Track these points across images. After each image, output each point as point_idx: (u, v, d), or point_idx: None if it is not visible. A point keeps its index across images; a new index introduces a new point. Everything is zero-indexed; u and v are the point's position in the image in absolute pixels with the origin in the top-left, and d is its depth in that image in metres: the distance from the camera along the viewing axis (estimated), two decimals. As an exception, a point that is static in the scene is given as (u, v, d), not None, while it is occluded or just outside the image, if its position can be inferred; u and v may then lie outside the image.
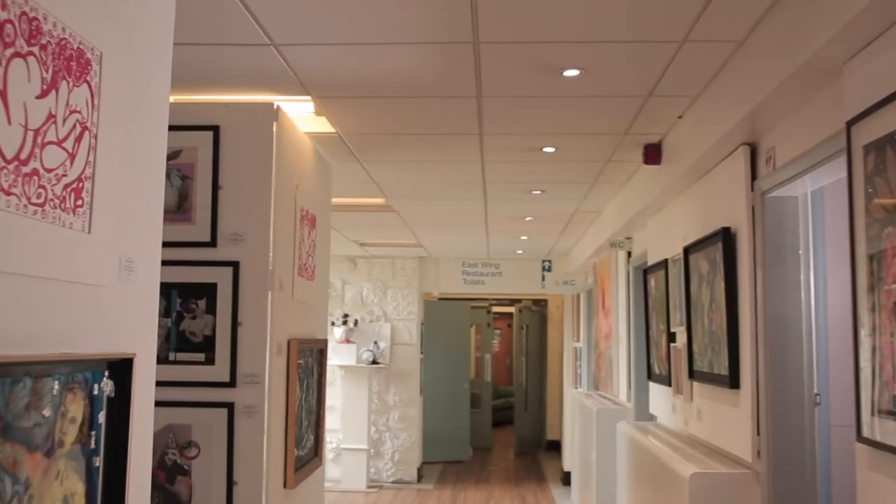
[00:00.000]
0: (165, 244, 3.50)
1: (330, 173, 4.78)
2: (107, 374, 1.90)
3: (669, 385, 4.84)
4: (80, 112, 1.73)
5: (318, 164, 4.38)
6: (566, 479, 10.27)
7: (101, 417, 1.86)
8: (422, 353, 11.02)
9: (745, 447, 3.51)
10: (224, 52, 3.33)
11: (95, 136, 1.79)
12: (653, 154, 4.55)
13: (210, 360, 3.42)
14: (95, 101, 1.79)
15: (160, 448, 3.40)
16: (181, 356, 3.44)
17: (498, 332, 19.33)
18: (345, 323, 10.35)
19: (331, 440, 10.45)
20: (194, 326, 3.44)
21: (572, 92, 3.63)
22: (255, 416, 3.40)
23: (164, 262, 3.48)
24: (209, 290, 3.44)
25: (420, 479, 10.73)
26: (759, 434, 3.40)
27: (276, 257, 3.57)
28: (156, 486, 3.39)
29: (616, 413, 6.51)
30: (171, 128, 3.51)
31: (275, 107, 3.54)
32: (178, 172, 3.50)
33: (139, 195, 2.05)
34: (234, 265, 3.45)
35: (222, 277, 3.44)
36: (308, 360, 4.13)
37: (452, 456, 12.26)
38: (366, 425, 10.07)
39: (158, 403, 3.43)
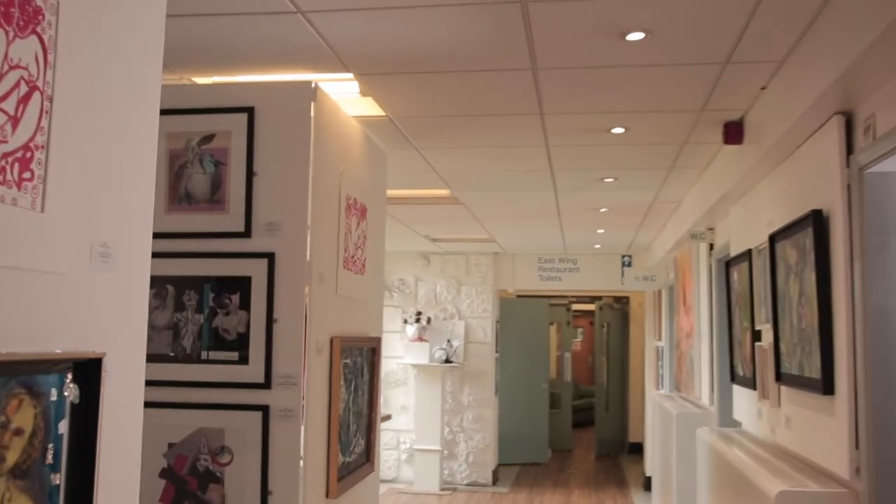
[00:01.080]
0: (197, 235, 3.29)
1: (384, 161, 4.50)
2: (70, 377, 1.64)
3: (754, 388, 4.41)
4: (25, 69, 1.47)
5: (368, 150, 4.10)
6: (648, 484, 9.80)
7: (63, 427, 1.60)
8: (497, 351, 10.70)
9: (842, 462, 3.07)
10: (249, 24, 3.07)
11: (50, 100, 1.53)
12: (734, 133, 4.13)
13: (244, 360, 3.17)
14: (49, 59, 1.53)
15: (192, 453, 3.16)
16: (214, 355, 3.20)
17: (580, 329, 18.89)
18: (418, 321, 10.10)
19: (404, 440, 10.22)
20: (228, 323, 3.20)
21: (637, 60, 3.26)
22: (292, 420, 3.14)
23: (196, 254, 3.27)
24: (243, 284, 3.20)
25: (495, 481, 10.41)
26: (857, 448, 2.96)
27: (316, 248, 3.30)
28: (187, 493, 3.16)
29: (697, 418, 6.07)
30: (203, 110, 3.29)
31: (312, 85, 3.27)
32: (212, 158, 3.26)
33: (119, 173, 1.78)
34: (270, 257, 3.19)
35: (257, 270, 3.19)
36: (357, 360, 3.86)
37: (530, 458, 11.90)
38: (439, 426, 9.80)
39: (190, 405, 3.21)
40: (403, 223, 7.86)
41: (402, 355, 10.15)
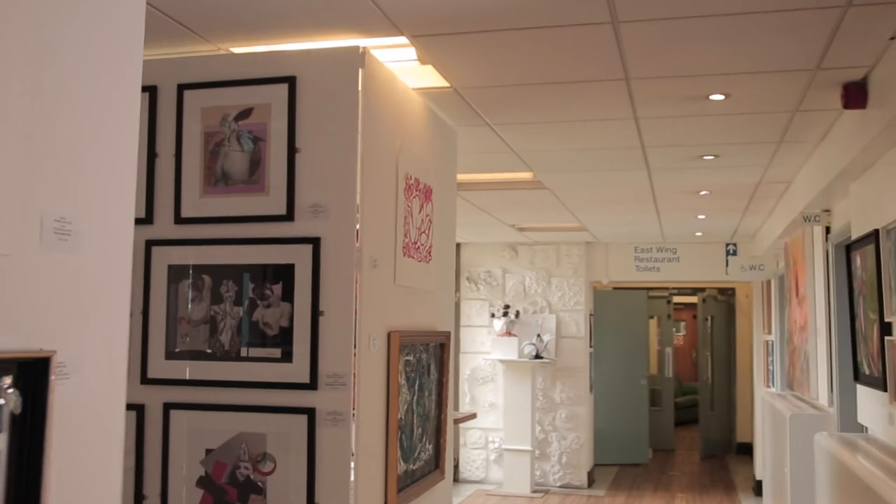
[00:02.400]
0: (235, 219, 2.95)
1: (453, 139, 4.10)
2: (7, 381, 1.31)
3: (884, 389, 3.82)
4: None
5: (432, 126, 3.71)
6: (758, 488, 9.13)
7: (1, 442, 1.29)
8: (591, 346, 10.18)
9: None
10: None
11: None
12: (855, 95, 3.56)
13: (287, 357, 2.82)
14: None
15: (231, 461, 2.84)
16: (254, 352, 2.86)
17: (682, 323, 18.11)
18: (505, 314, 9.67)
19: (492, 440, 9.83)
20: (269, 316, 2.86)
21: (737, 6, 2.76)
22: (341, 425, 2.77)
23: (233, 241, 2.93)
24: (286, 273, 2.85)
25: (591, 483, 9.90)
26: None
27: (367, 233, 2.93)
28: (226, 506, 2.84)
29: (814, 420, 5.46)
30: (240, 82, 2.94)
31: (360, 50, 2.89)
32: (250, 134, 2.92)
33: (80, 135, 1.43)
34: (314, 242, 2.83)
35: (300, 257, 2.84)
36: (421, 357, 3.47)
37: (629, 458, 11.33)
38: (529, 425, 9.35)
39: (229, 408, 2.88)
40: (486, 211, 7.44)
41: (489, 351, 9.75)
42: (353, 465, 2.78)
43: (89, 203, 1.41)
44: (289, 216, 2.86)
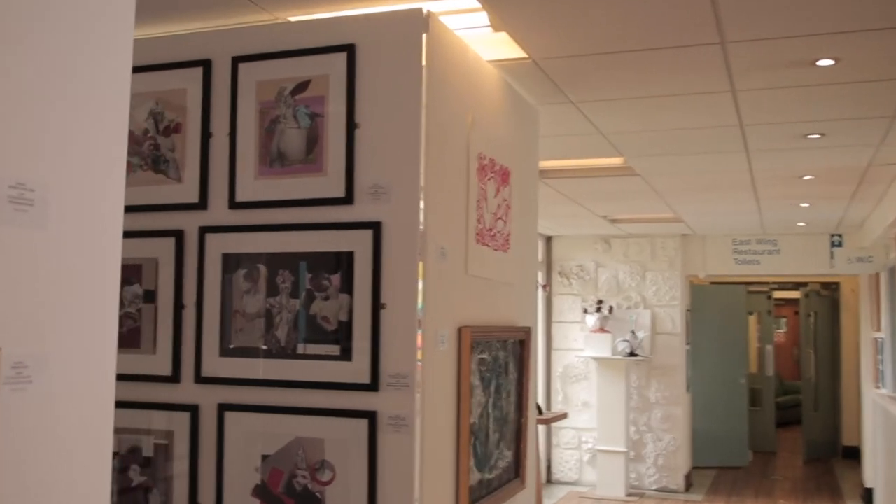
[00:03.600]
0: (290, 203, 2.71)
1: (535, 118, 3.79)
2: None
3: None
4: None
5: (509, 102, 3.41)
6: (867, 496, 8.52)
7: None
8: (687, 344, 9.69)
9: None
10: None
11: None
12: None
13: (346, 354, 2.57)
14: None
15: (288, 468, 2.60)
16: (311, 348, 2.62)
17: (783, 319, 17.33)
18: (598, 310, 9.29)
19: (586, 440, 9.46)
20: (327, 309, 2.61)
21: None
22: (404, 431, 2.50)
23: (291, 226, 2.69)
24: (344, 261, 2.60)
25: (688, 487, 9.43)
26: None
27: (433, 216, 2.65)
28: (283, 517, 2.60)
29: (937, 424, 4.96)
30: (297, 53, 2.69)
31: (424, 14, 2.62)
32: (307, 109, 2.68)
33: (49, 88, 1.19)
34: (375, 227, 2.57)
35: (360, 243, 2.58)
36: (498, 355, 3.18)
37: (728, 461, 10.78)
38: (624, 425, 8.95)
39: (286, 410, 2.65)
40: (575, 201, 7.09)
41: (581, 348, 9.39)
42: (418, 475, 2.51)
43: (59, 166, 1.17)
44: (348, 199, 2.61)
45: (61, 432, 1.17)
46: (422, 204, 2.58)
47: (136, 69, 2.92)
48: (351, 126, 2.63)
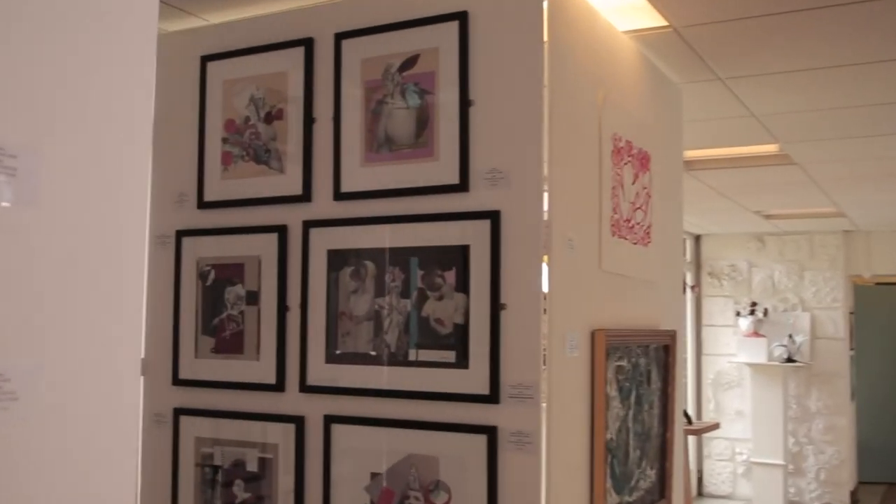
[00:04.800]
0: (401, 192, 2.42)
1: (677, 98, 3.40)
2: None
3: None
4: None
5: (648, 78, 3.03)
6: None
7: None
8: (852, 349, 8.90)
9: None
10: None
11: None
12: None
13: (462, 362, 2.27)
14: None
15: (400, 488, 2.33)
16: (424, 354, 2.33)
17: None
18: (752, 313, 8.64)
19: (740, 451, 8.82)
20: (441, 311, 2.32)
21: None
22: (528, 449, 2.18)
23: (400, 218, 2.40)
24: (460, 256, 2.30)
25: (855, 503, 8.64)
26: None
27: (560, 204, 2.32)
28: (394, 543, 2.33)
29: None
30: (403, 25, 2.39)
31: (546, -27, 2.29)
32: (415, 87, 2.40)
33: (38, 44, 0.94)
34: (493, 217, 2.26)
35: (477, 236, 2.28)
36: (638, 362, 2.80)
37: (901, 477, 9.86)
38: (781, 436, 8.27)
39: (397, 423, 2.37)
40: (725, 195, 6.54)
41: (734, 353, 8.77)
42: (544, 499, 2.17)
43: (54, 127, 0.92)
44: (462, 185, 2.31)
45: (60, 461, 0.91)
46: (546, 190, 2.26)
47: (236, 53, 2.74)
48: (465, 104, 2.33)
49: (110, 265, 0.98)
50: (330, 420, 2.45)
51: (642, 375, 2.83)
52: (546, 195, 2.25)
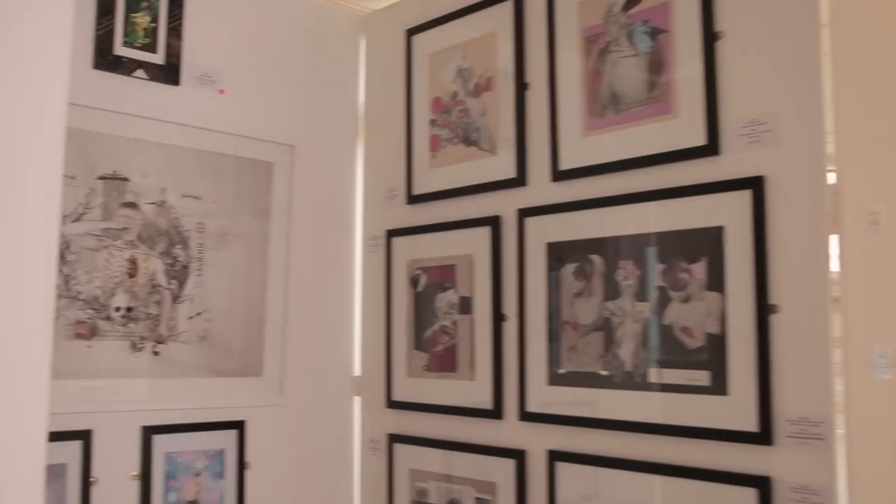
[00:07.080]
0: (629, 164, 1.79)
1: None
2: None
3: None
4: None
5: None
6: None
7: None
8: None
9: None
10: None
11: None
12: None
13: (718, 386, 1.67)
14: None
15: (642, 552, 1.76)
16: (668, 375, 1.75)
17: None
18: None
19: None
20: (689, 316, 1.73)
21: None
22: (818, 512, 1.53)
23: (629, 198, 1.79)
24: (710, 243, 1.70)
25: None
26: None
27: (853, 165, 1.65)
28: None
29: None
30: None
31: None
32: (646, 26, 1.85)
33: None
34: (755, 185, 1.64)
35: (732, 213, 1.67)
36: None
37: None
38: None
39: (632, 465, 1.77)
40: None
41: None
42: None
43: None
44: (711, 147, 1.71)
45: None
46: (832, 147, 1.60)
47: (440, 20, 2.34)
48: (709, 38, 1.73)
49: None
50: (554, 456, 1.94)
51: None
52: (832, 152, 1.59)
